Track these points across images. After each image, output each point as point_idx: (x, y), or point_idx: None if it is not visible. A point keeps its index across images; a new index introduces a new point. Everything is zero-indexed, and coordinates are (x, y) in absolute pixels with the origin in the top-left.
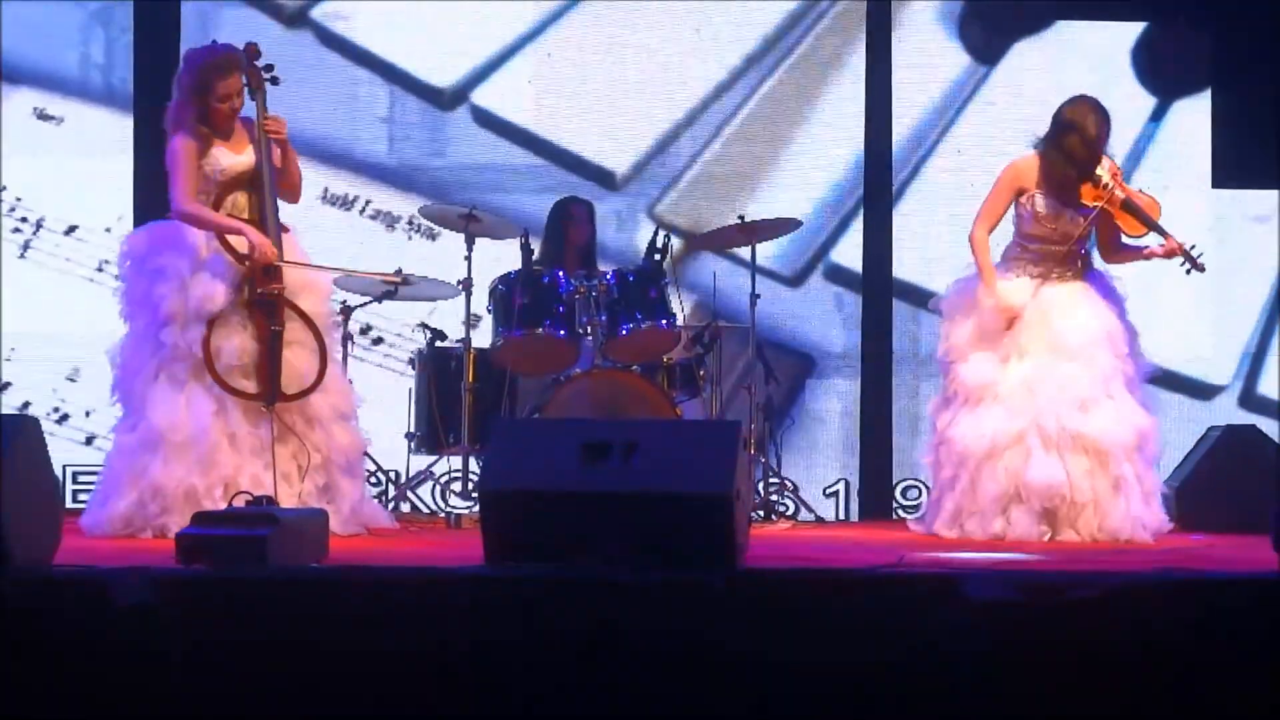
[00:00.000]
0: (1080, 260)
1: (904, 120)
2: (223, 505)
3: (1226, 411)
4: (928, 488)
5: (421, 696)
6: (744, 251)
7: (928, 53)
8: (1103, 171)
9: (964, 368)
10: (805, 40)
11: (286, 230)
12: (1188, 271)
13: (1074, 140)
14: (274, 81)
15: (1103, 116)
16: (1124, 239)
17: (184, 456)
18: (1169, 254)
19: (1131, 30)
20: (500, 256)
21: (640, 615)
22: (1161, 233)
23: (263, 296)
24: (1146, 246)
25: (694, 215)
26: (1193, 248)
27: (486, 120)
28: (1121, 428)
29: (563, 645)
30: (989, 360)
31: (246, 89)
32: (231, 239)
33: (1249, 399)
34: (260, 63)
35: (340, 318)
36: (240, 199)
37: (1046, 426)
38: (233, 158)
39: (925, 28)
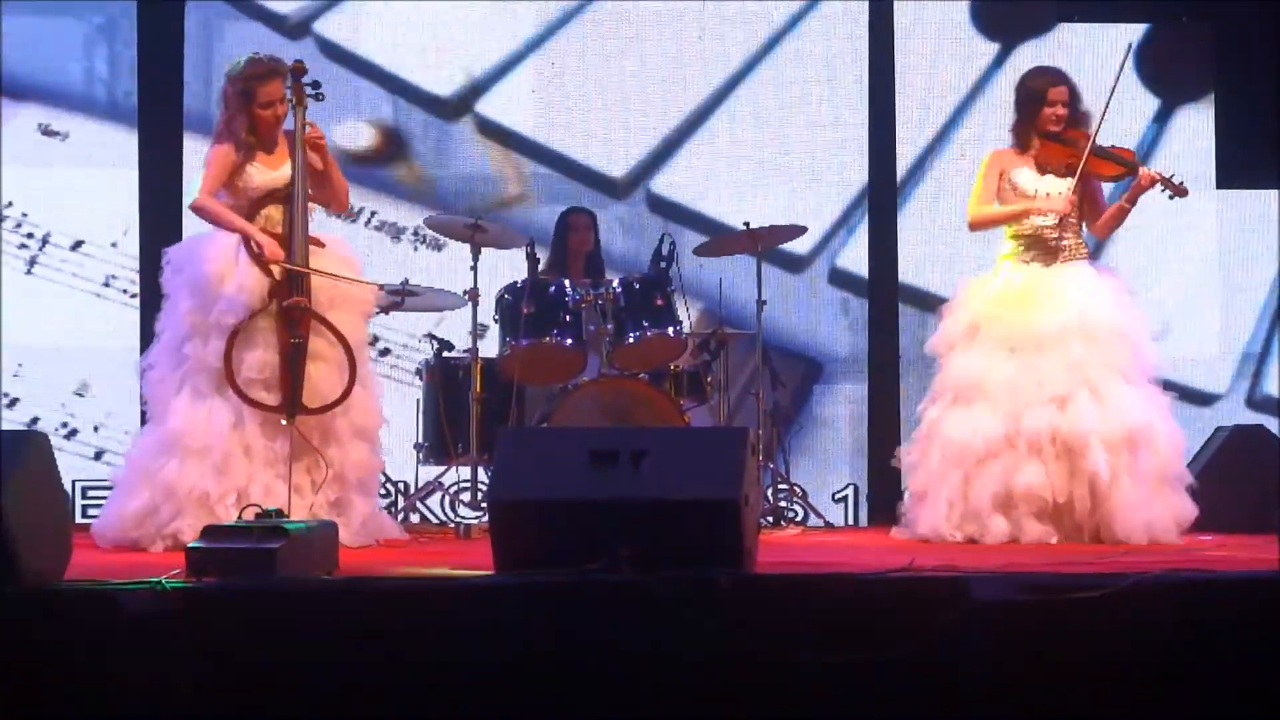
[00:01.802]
0: (1077, 244)
1: (907, 123)
2: (234, 514)
3: (1232, 412)
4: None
5: (433, 707)
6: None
7: (930, 55)
8: (1071, 135)
9: (952, 362)
10: (808, 43)
11: (322, 245)
12: (1170, 197)
13: (1036, 103)
14: (319, 98)
15: (1059, 79)
16: (1101, 202)
17: (199, 462)
18: (1145, 188)
19: (1134, 32)
20: (506, 266)
21: (650, 622)
22: (1137, 167)
23: (288, 310)
24: (1124, 197)
25: (698, 219)
26: (1171, 175)
27: (491, 130)
28: (1103, 422)
29: (574, 653)
30: (978, 355)
31: (290, 101)
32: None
33: (1254, 400)
34: (306, 80)
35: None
36: (274, 213)
37: (1030, 428)
38: (267, 174)
39: (927, 30)
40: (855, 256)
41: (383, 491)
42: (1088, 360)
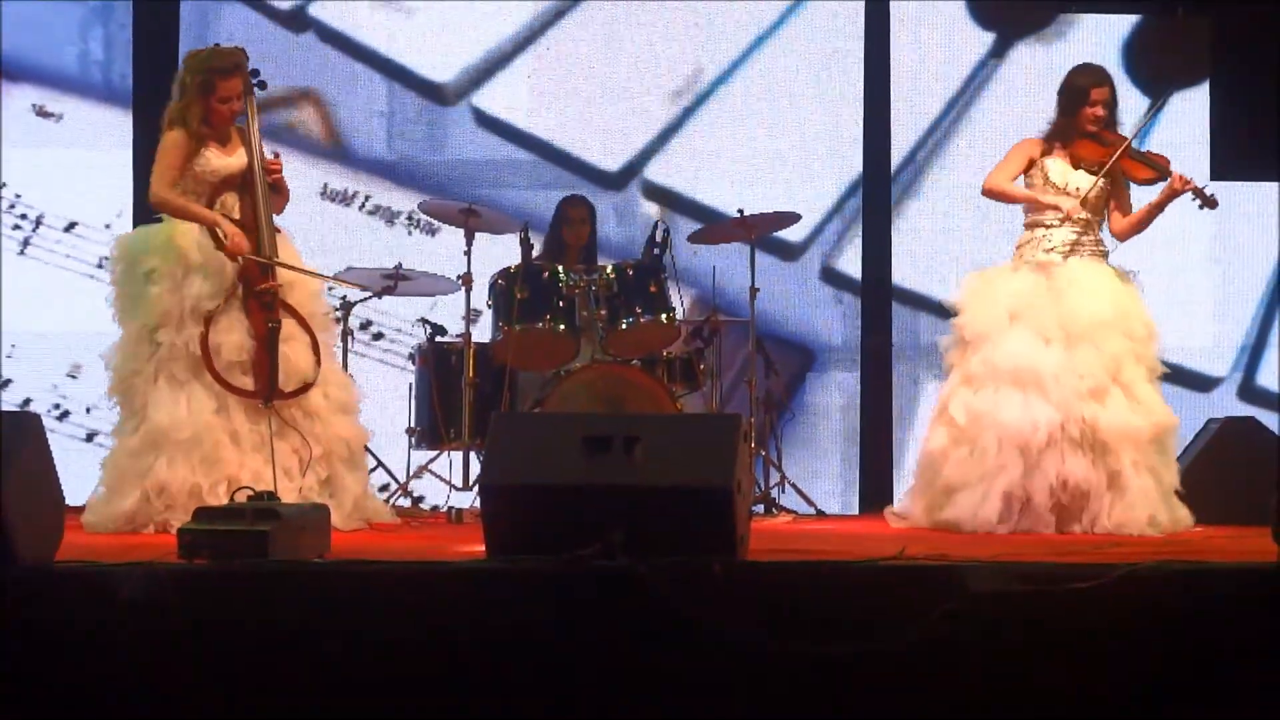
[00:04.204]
0: (1096, 241)
1: (902, 114)
2: (225, 502)
3: (1225, 404)
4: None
5: (424, 689)
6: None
7: (927, 46)
8: (1108, 136)
9: (1001, 345)
10: (804, 33)
11: (279, 232)
12: (1200, 207)
13: (1077, 101)
14: (261, 86)
15: (1102, 79)
16: (1130, 204)
17: (188, 455)
18: (1178, 192)
19: (1130, 22)
20: (500, 251)
21: (642, 609)
22: (1169, 174)
23: (259, 295)
24: (1154, 199)
25: (692, 206)
26: (1204, 186)
27: (485, 119)
28: (1134, 418)
29: (565, 638)
30: (1024, 341)
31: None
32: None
33: (1247, 391)
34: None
35: (340, 313)
36: (229, 199)
37: (1078, 419)
38: (224, 159)
39: (923, 21)
40: (849, 251)
41: (374, 475)
42: (1121, 355)
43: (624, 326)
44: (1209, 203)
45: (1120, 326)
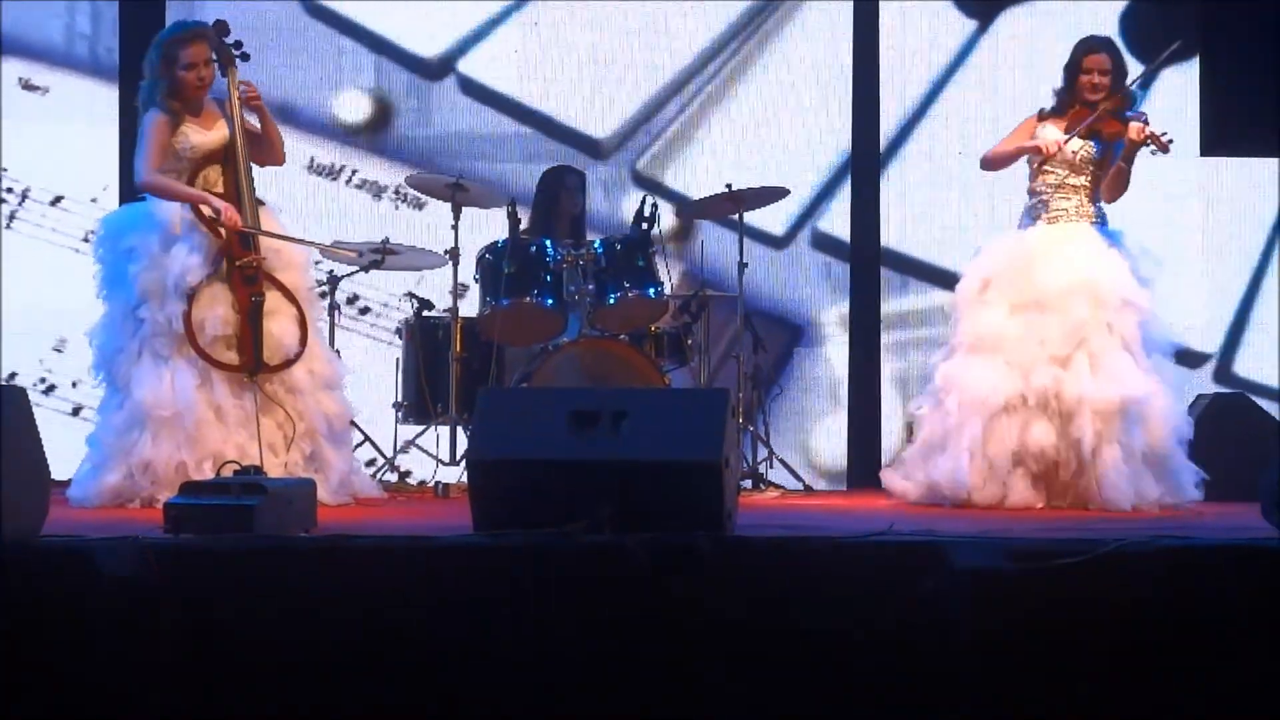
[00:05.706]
0: (1083, 204)
1: (891, 87)
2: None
3: (1207, 384)
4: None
5: (410, 664)
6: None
7: (914, 19)
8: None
9: (968, 316)
10: (792, 12)
11: (263, 204)
12: (1153, 153)
13: (1072, 71)
14: (244, 58)
15: (1094, 46)
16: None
17: (172, 432)
18: (1136, 143)
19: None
20: (487, 225)
21: (629, 584)
22: (1130, 120)
23: (242, 268)
24: (1121, 154)
25: (680, 183)
26: (1163, 134)
27: (473, 89)
28: (1098, 388)
29: (552, 614)
30: (991, 310)
31: (217, 65)
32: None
33: (1229, 371)
34: (230, 39)
35: (326, 288)
36: (212, 174)
37: (1038, 387)
38: (203, 134)
39: (912, 11)
40: (837, 220)
41: (360, 450)
42: (1089, 323)
43: (612, 301)
44: (1162, 148)
45: (1086, 294)
